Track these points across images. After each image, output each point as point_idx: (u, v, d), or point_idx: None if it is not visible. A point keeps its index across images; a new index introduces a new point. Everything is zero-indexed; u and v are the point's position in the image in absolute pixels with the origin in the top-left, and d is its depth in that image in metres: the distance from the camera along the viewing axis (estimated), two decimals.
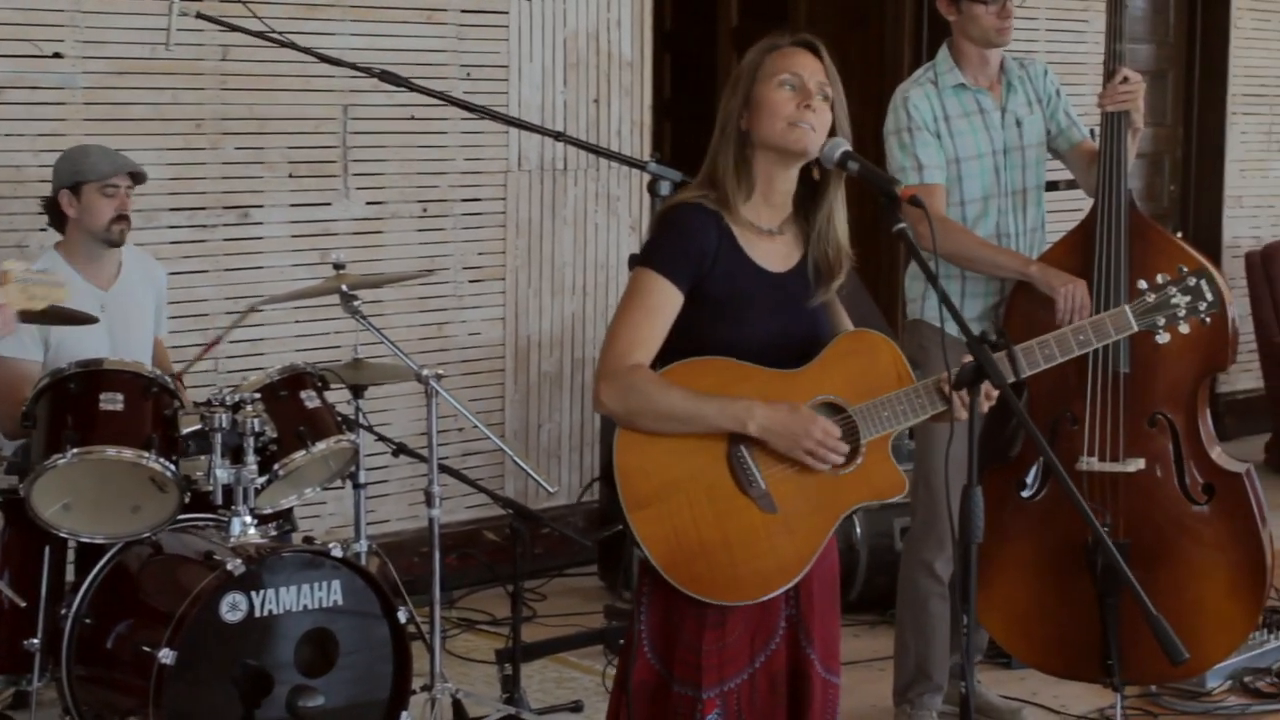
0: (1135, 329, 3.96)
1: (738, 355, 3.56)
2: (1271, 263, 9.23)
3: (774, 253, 3.66)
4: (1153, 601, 5.05)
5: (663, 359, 3.57)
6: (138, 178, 5.41)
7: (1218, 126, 9.95)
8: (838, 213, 3.68)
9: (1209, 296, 3.94)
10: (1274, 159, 10.28)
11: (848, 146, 3.58)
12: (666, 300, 3.55)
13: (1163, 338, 4.01)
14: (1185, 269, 3.98)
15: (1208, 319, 4.00)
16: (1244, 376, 9.82)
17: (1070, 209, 8.21)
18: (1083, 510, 3.47)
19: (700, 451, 3.53)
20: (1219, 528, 5.17)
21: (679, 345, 3.57)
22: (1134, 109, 5.21)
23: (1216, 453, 5.23)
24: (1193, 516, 5.18)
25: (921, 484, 5.29)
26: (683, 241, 3.56)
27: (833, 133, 3.59)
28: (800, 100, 3.55)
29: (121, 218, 5.34)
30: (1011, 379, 3.58)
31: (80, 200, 5.31)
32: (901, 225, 3.50)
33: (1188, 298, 3.93)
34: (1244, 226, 10.16)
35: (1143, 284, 3.97)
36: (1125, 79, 5.18)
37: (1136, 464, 5.17)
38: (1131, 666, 5.13)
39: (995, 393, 3.52)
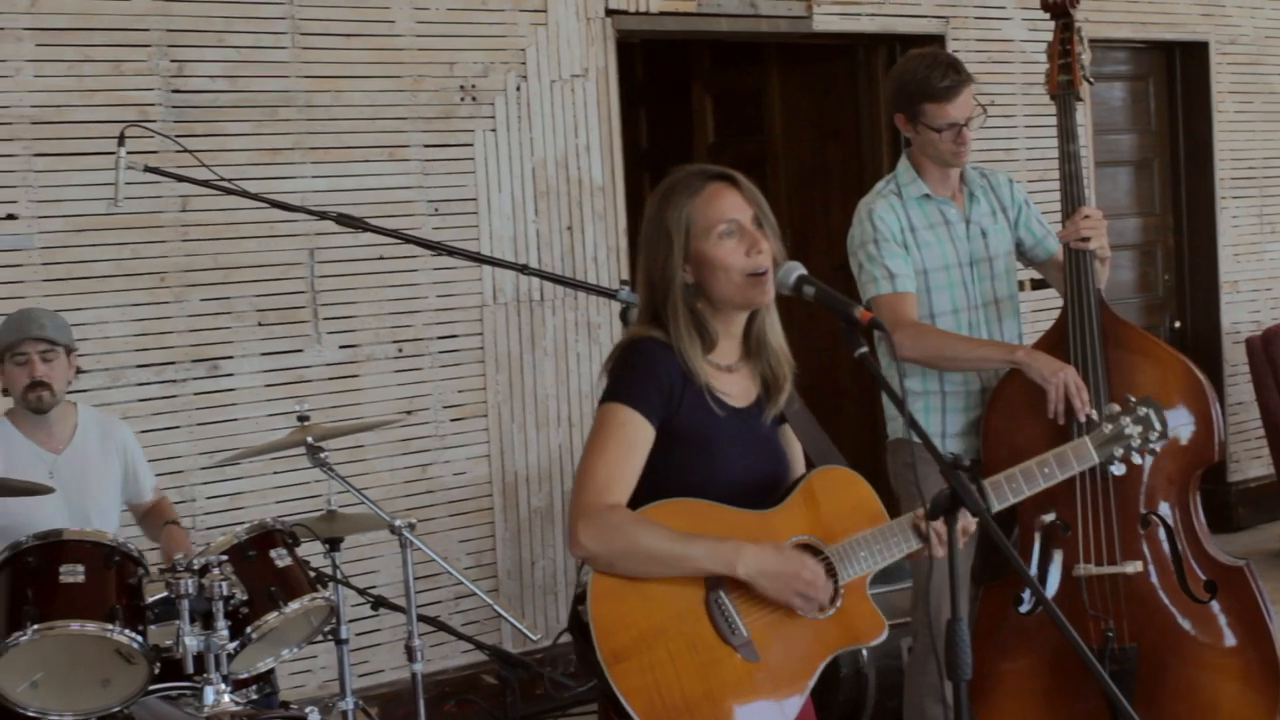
0: (1096, 461, 3.99)
1: (708, 495, 3.41)
2: (1272, 346, 9.06)
3: (736, 387, 3.54)
4: (1166, 705, 4.95)
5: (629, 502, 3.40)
6: (56, 341, 5.23)
7: (1208, 212, 9.81)
8: (770, 324, 3.55)
9: (1158, 427, 4.05)
10: (1268, 241, 10.14)
11: (802, 270, 3.45)
12: (640, 435, 3.40)
13: (1118, 469, 3.98)
14: (1133, 399, 4.05)
15: (1158, 449, 4.11)
16: (1255, 464, 9.63)
17: (1042, 308, 8.11)
18: (1067, 633, 3.27)
19: (678, 598, 3.36)
20: (1226, 624, 5.02)
21: (645, 486, 3.40)
22: (1097, 245, 5.05)
23: (1213, 548, 5.09)
24: (1197, 615, 5.02)
25: (920, 604, 5.11)
26: (651, 376, 3.42)
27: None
28: (749, 246, 3.42)
29: (37, 384, 5.20)
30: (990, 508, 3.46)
31: (2, 370, 5.22)
32: (863, 350, 3.37)
33: (1139, 428, 4.02)
34: (1242, 311, 10.00)
35: (1095, 415, 3.98)
36: (1086, 216, 5.03)
37: (1134, 566, 5.01)
38: None
39: (974, 522, 3.37)
